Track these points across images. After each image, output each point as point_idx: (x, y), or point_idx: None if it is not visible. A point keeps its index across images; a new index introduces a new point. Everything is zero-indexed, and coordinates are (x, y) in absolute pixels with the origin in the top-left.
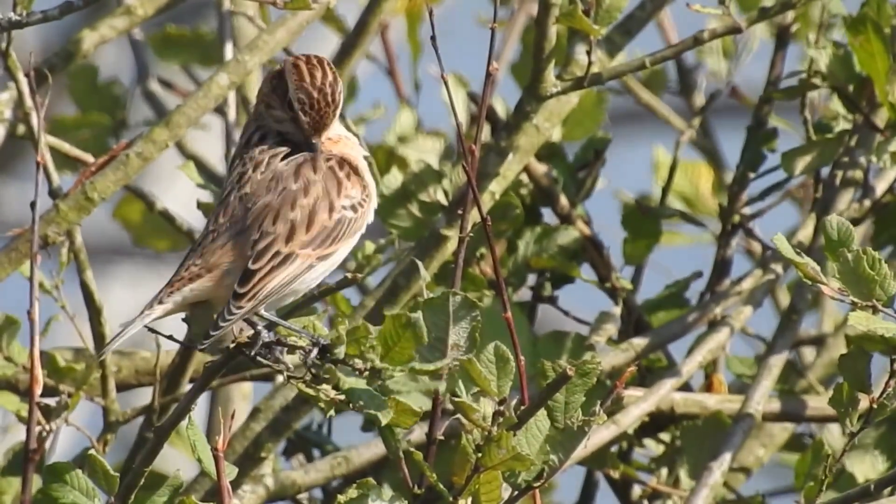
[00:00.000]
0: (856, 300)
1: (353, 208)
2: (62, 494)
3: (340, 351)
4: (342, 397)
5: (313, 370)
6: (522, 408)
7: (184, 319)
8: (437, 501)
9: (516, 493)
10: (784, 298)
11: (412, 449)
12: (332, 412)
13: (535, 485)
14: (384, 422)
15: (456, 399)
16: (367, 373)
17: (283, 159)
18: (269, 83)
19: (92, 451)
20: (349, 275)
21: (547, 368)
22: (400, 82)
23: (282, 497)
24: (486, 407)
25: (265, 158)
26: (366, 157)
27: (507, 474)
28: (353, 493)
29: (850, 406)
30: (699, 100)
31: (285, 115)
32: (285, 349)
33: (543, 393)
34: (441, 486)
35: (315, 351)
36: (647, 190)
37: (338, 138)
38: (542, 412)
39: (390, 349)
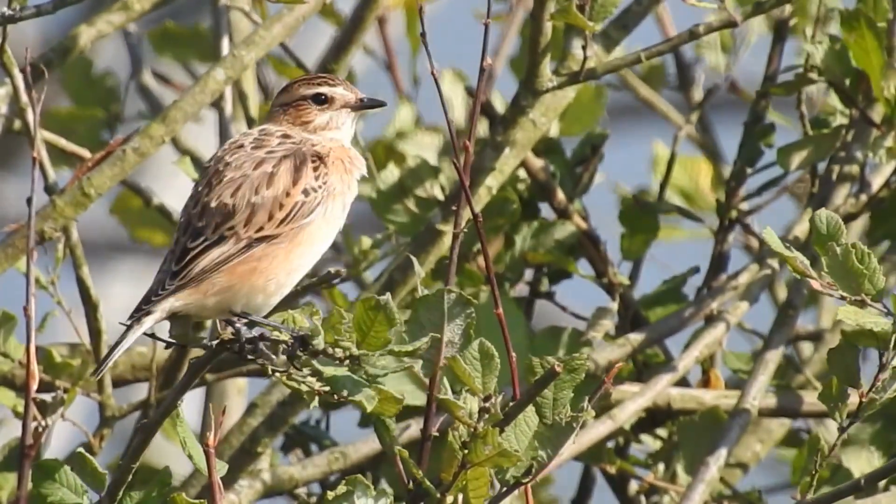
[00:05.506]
0: (845, 294)
1: (305, 192)
2: (51, 492)
3: (319, 341)
4: (327, 388)
5: (296, 364)
6: (511, 404)
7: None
8: (426, 498)
9: (505, 489)
10: (781, 293)
11: (398, 447)
12: (315, 402)
13: (524, 481)
14: (369, 409)
15: (441, 396)
16: (346, 361)
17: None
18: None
19: (81, 449)
20: (333, 269)
21: (535, 365)
22: (399, 77)
23: (279, 492)
24: (472, 403)
25: (234, 156)
26: (361, 152)
27: (496, 471)
28: (341, 488)
29: (839, 400)
30: (698, 95)
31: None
32: (268, 343)
33: (531, 389)
34: (429, 482)
35: (296, 344)
36: (645, 185)
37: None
38: (530, 408)
39: (366, 335)
